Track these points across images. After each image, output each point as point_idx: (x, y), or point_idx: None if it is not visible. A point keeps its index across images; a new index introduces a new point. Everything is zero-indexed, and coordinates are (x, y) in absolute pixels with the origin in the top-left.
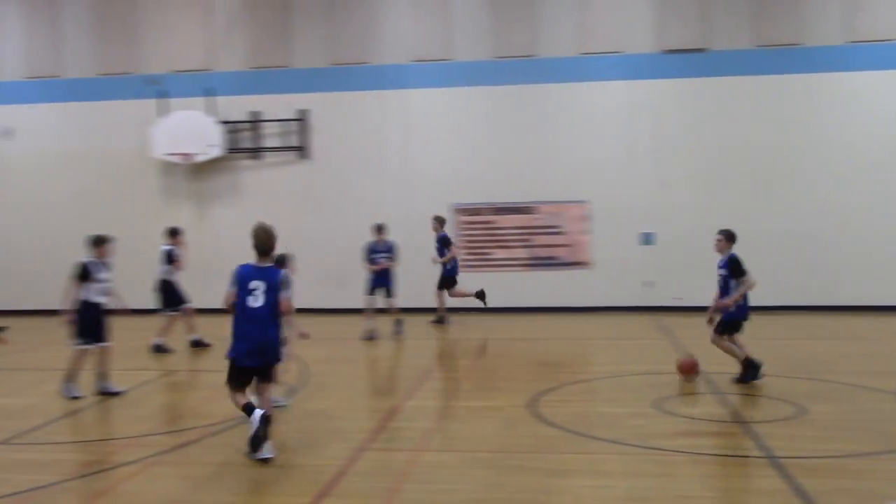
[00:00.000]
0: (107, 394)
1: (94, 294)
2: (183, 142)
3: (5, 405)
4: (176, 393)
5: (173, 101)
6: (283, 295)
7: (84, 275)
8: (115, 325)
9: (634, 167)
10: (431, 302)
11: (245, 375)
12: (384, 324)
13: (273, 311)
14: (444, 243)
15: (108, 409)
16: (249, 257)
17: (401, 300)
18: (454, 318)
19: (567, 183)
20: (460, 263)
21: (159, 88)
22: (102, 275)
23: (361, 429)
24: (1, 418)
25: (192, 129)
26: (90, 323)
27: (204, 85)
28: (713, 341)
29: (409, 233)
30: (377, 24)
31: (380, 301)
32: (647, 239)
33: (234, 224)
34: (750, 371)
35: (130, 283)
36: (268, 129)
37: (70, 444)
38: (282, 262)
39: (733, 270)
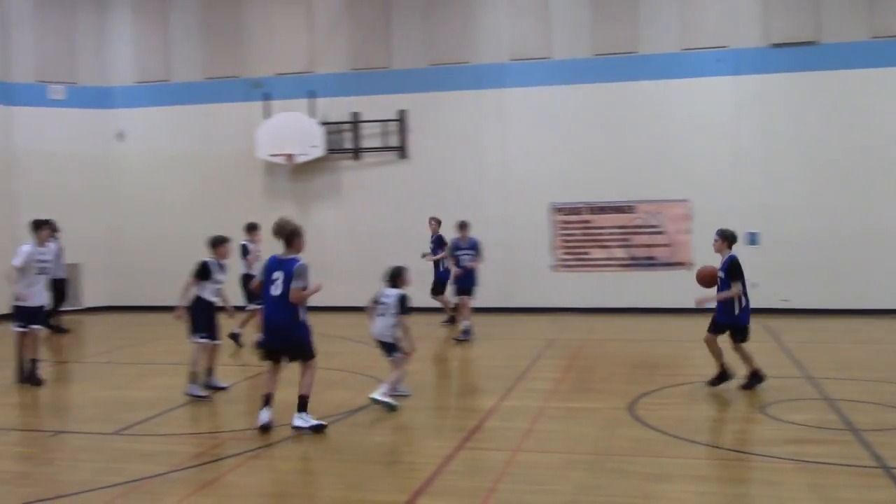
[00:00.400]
0: (212, 388)
1: (208, 293)
2: (286, 143)
3: (118, 397)
4: (278, 388)
5: (277, 104)
6: (293, 284)
7: (203, 274)
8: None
9: (739, 165)
10: (524, 301)
11: (271, 354)
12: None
13: (288, 299)
14: (438, 244)
15: (212, 403)
16: (350, 255)
17: (495, 299)
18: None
19: (668, 181)
20: (559, 263)
21: (263, 91)
22: (219, 276)
23: (458, 427)
24: (114, 410)
25: (294, 130)
26: (204, 320)
27: (306, 87)
28: (705, 340)
29: (506, 233)
30: (476, 24)
31: (456, 299)
32: (752, 239)
33: (335, 223)
34: (719, 379)
35: (233, 280)
36: (367, 129)
37: (177, 436)
38: (397, 275)
39: (730, 273)
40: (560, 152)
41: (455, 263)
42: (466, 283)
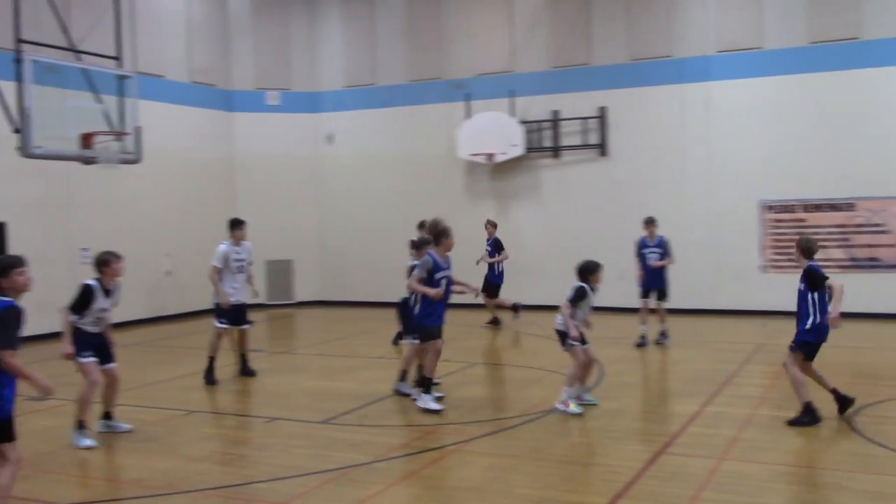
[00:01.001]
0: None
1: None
2: (486, 142)
3: (327, 388)
4: (476, 385)
5: (477, 104)
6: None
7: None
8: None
9: None
10: (729, 303)
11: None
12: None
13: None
14: (497, 247)
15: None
16: (550, 254)
17: (698, 300)
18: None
19: (893, 177)
20: (769, 263)
21: (464, 92)
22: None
23: (660, 431)
24: (323, 399)
25: (494, 129)
26: (409, 319)
27: (506, 86)
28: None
29: (711, 232)
30: (681, 16)
31: (651, 303)
32: None
33: (534, 222)
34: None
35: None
36: (567, 127)
37: (381, 427)
38: (586, 270)
39: (810, 283)
40: (771, 146)
41: (641, 263)
42: (656, 284)
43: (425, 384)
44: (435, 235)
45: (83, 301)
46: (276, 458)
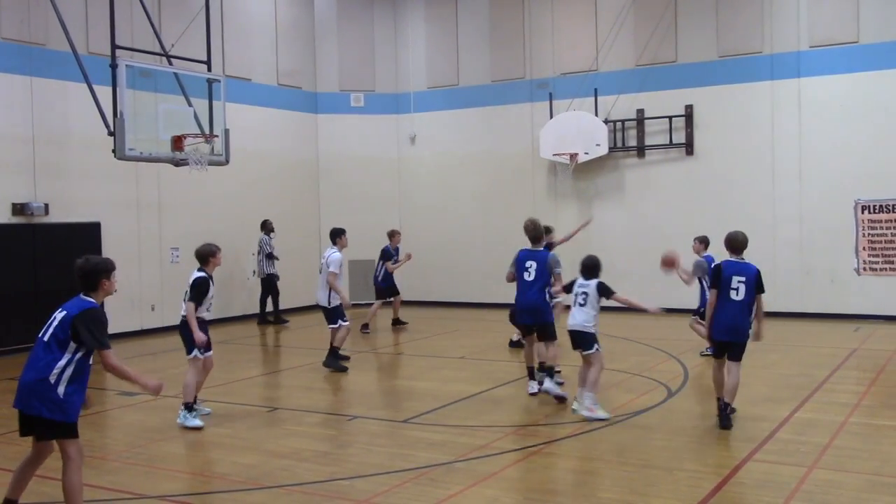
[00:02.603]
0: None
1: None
2: (569, 142)
3: (409, 387)
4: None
5: (561, 103)
6: (555, 272)
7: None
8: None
9: None
10: (822, 307)
11: (525, 330)
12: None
13: (540, 283)
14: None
15: (491, 398)
16: (634, 254)
17: (789, 304)
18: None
19: None
20: (865, 266)
21: (548, 91)
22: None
23: (747, 437)
24: (405, 399)
25: (578, 129)
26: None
27: (590, 85)
28: None
29: (802, 233)
30: (770, 11)
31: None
32: None
33: (618, 222)
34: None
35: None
36: (652, 126)
37: (461, 427)
38: (594, 266)
39: None
40: (868, 145)
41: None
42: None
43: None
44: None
45: (202, 291)
46: (357, 456)
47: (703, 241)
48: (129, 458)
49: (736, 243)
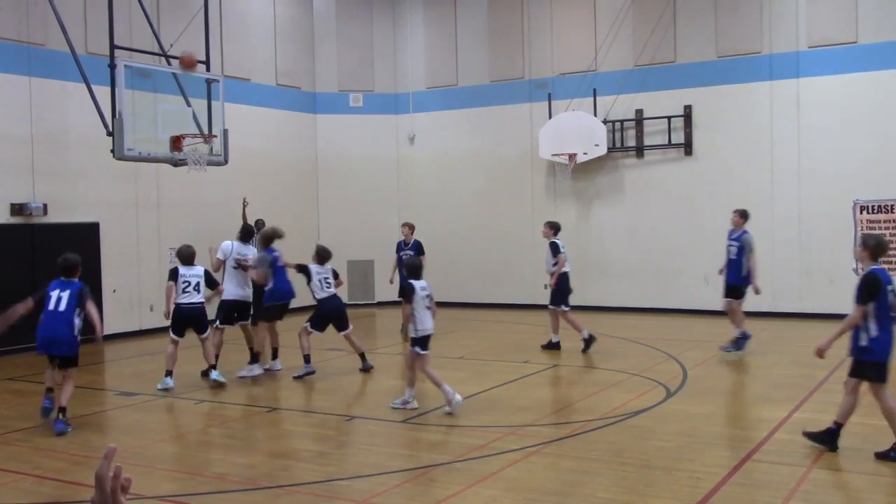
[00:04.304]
0: None
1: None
2: (568, 142)
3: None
4: (557, 387)
5: (560, 103)
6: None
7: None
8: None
9: None
10: (820, 306)
11: None
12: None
13: None
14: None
15: (490, 398)
16: (632, 254)
17: (788, 303)
18: None
19: None
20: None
21: (546, 91)
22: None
23: (745, 438)
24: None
25: (577, 129)
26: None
27: (589, 85)
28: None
29: (801, 232)
30: (769, 11)
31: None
32: None
33: (617, 222)
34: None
35: (520, 275)
36: (651, 126)
37: (459, 427)
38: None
39: None
40: (866, 144)
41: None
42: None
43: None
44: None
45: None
46: (356, 456)
47: (744, 215)
48: (129, 458)
49: (880, 249)
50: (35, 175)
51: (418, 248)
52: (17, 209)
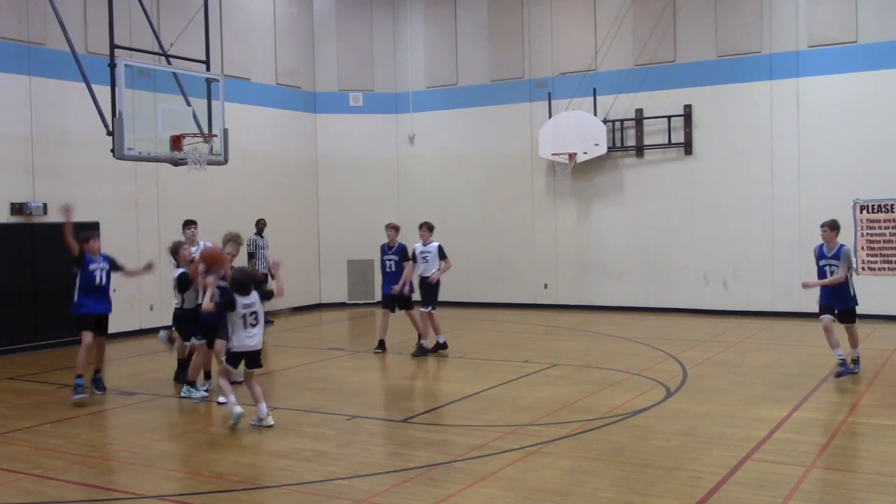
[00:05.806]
0: None
1: None
2: (568, 142)
3: (406, 387)
4: (556, 386)
5: (560, 103)
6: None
7: None
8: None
9: None
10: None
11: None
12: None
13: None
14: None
15: (490, 398)
16: (632, 254)
17: (787, 303)
18: None
19: None
20: (863, 265)
21: (546, 91)
22: None
23: (745, 437)
24: (403, 399)
25: (577, 129)
26: None
27: (589, 85)
28: None
29: (801, 232)
30: (769, 10)
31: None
32: None
33: (617, 221)
34: None
35: (520, 274)
36: (651, 125)
37: (459, 427)
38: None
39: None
40: (866, 144)
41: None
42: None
43: None
44: None
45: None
46: (356, 455)
47: (834, 227)
48: (129, 458)
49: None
50: (35, 175)
51: (402, 253)
52: (17, 209)
